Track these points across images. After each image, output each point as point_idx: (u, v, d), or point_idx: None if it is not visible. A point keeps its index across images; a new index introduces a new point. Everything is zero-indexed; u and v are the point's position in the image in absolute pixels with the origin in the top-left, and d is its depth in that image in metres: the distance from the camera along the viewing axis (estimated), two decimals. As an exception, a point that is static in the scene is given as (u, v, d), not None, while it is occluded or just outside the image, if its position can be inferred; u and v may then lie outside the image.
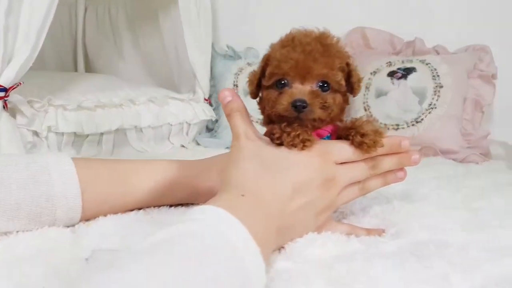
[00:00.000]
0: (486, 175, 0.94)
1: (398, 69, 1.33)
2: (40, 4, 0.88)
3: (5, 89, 0.83)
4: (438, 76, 1.28)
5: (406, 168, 0.55)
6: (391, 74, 1.33)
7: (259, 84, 0.54)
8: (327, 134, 0.53)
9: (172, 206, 0.62)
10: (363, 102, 1.36)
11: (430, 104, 1.25)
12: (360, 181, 0.53)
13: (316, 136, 0.52)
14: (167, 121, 1.28)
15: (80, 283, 0.29)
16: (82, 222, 0.54)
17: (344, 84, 0.51)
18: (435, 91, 1.26)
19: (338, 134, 0.53)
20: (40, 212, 0.50)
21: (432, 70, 1.29)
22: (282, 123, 0.49)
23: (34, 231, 0.50)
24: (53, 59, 1.68)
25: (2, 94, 0.83)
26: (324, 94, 0.49)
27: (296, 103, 0.47)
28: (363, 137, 0.49)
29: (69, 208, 0.52)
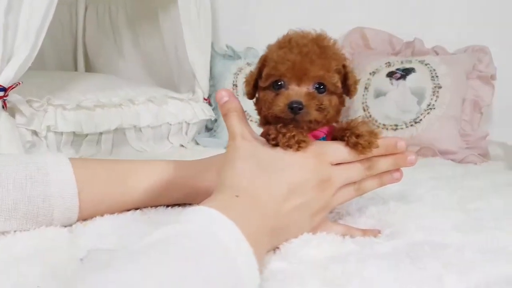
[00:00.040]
0: (484, 176, 0.94)
1: (397, 69, 1.33)
2: (40, 3, 0.88)
3: (4, 89, 0.84)
4: (437, 76, 1.28)
5: (404, 168, 0.55)
6: (390, 75, 1.33)
7: (255, 85, 0.54)
8: (322, 135, 0.53)
9: (169, 206, 0.62)
10: (362, 103, 1.36)
11: (429, 105, 1.25)
12: (356, 182, 0.53)
13: (312, 137, 0.52)
14: (166, 120, 1.28)
15: (76, 282, 0.30)
16: (79, 222, 0.54)
17: (340, 86, 0.51)
18: (433, 92, 1.26)
19: (333, 135, 0.53)
20: (37, 212, 0.50)
21: (431, 70, 1.29)
22: (278, 124, 0.50)
23: (32, 231, 0.51)
24: (53, 58, 1.68)
25: (1, 93, 0.83)
26: (320, 96, 0.50)
27: (292, 105, 0.47)
28: (358, 138, 0.49)
29: (66, 208, 0.52)
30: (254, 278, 0.35)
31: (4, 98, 0.85)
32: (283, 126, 0.49)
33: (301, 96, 0.48)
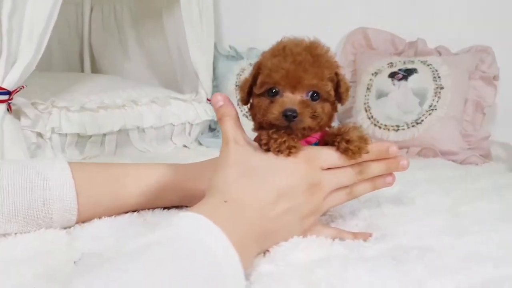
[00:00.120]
0: (482, 178, 0.94)
1: (399, 70, 1.33)
2: (43, 7, 0.89)
3: (8, 92, 0.86)
4: (439, 77, 1.28)
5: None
6: (392, 75, 1.33)
7: (250, 91, 0.55)
8: (315, 141, 0.54)
9: (166, 208, 0.64)
10: (364, 103, 1.37)
11: (431, 106, 1.25)
12: (348, 186, 0.54)
13: (305, 143, 0.53)
14: (169, 121, 1.29)
15: (75, 282, 0.31)
16: (78, 224, 0.56)
17: (333, 94, 0.52)
18: (435, 93, 1.26)
19: (325, 140, 0.54)
20: (37, 215, 0.52)
21: (433, 71, 1.29)
22: (274, 130, 0.51)
23: (32, 233, 0.52)
24: (60, 59, 1.70)
25: (6, 97, 0.85)
26: (313, 103, 0.51)
27: (286, 113, 0.48)
28: (348, 143, 0.50)
29: (65, 211, 0.54)
30: (238, 284, 0.37)
31: (9, 101, 0.87)
32: (275, 132, 0.50)
33: (295, 104, 0.49)
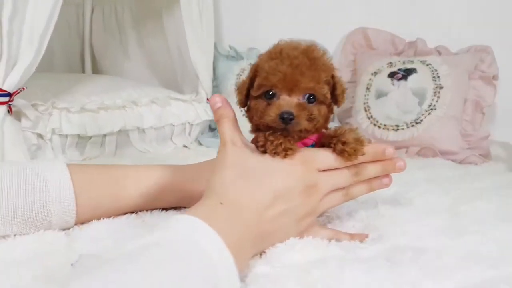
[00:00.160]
0: (481, 178, 0.94)
1: (399, 70, 1.34)
2: (43, 9, 0.90)
3: (9, 94, 0.86)
4: (439, 77, 1.28)
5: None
6: (392, 75, 1.33)
7: (247, 94, 0.56)
8: (311, 143, 0.55)
9: (164, 209, 0.64)
10: (364, 103, 1.37)
11: (430, 105, 1.25)
12: (344, 187, 0.55)
13: (302, 144, 0.54)
14: (169, 122, 1.30)
15: (73, 284, 0.31)
16: (76, 226, 0.57)
17: (329, 96, 0.53)
18: (435, 92, 1.26)
19: (321, 142, 0.54)
20: (36, 217, 0.53)
21: (432, 71, 1.29)
22: (270, 132, 0.51)
23: (31, 235, 0.53)
24: (61, 60, 1.71)
25: (6, 99, 0.86)
26: (310, 106, 0.51)
27: (283, 115, 0.49)
28: (344, 145, 0.51)
29: (64, 213, 0.54)
30: (233, 286, 0.37)
31: (10, 103, 0.87)
32: (271, 134, 0.51)
33: (292, 106, 0.49)
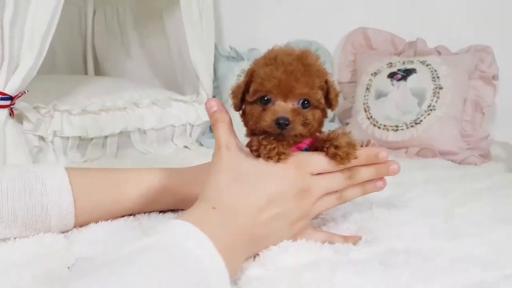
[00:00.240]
0: (480, 178, 0.93)
1: (398, 70, 1.34)
2: (45, 12, 0.91)
3: (11, 98, 0.87)
4: (438, 77, 1.28)
5: (400, 170, 0.56)
6: (391, 76, 1.34)
7: (243, 98, 0.56)
8: (305, 147, 0.55)
9: (161, 212, 0.65)
10: (364, 103, 1.37)
11: (429, 106, 1.25)
12: (338, 191, 0.55)
13: (296, 148, 0.54)
14: (170, 123, 1.30)
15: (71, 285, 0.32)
16: (75, 228, 0.58)
17: (323, 101, 0.53)
18: (434, 93, 1.27)
19: (315, 146, 0.55)
20: (36, 220, 0.54)
21: (432, 71, 1.30)
22: (263, 136, 0.52)
23: (31, 237, 0.54)
24: (64, 61, 1.72)
25: (8, 102, 0.87)
26: (304, 111, 0.52)
27: (279, 121, 0.50)
28: (337, 149, 0.51)
29: (63, 216, 0.55)
30: None
31: (11, 106, 0.89)
32: (265, 138, 0.51)
33: (287, 112, 0.50)
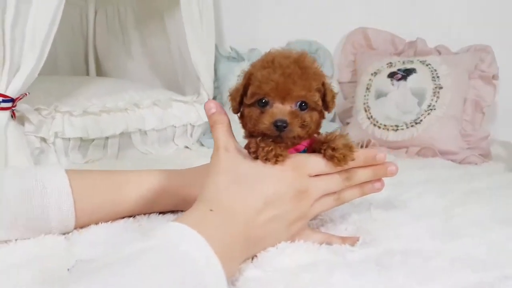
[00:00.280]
0: (480, 178, 0.94)
1: (398, 70, 1.34)
2: (45, 15, 0.91)
3: (12, 100, 0.88)
4: (438, 77, 1.28)
5: (399, 170, 0.56)
6: (391, 75, 1.34)
7: (241, 100, 0.57)
8: (303, 148, 0.56)
9: (161, 213, 0.66)
10: (364, 103, 1.38)
11: (429, 106, 1.26)
12: (336, 192, 0.56)
13: (294, 150, 0.55)
14: (170, 123, 1.31)
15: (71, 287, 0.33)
16: (76, 230, 0.58)
17: (320, 103, 0.54)
18: (434, 92, 1.27)
19: (312, 147, 0.55)
20: (37, 222, 0.54)
21: (432, 71, 1.30)
22: (263, 138, 0.52)
23: (32, 239, 0.55)
24: (66, 62, 1.72)
25: (9, 104, 0.88)
26: (302, 113, 0.52)
27: (277, 123, 0.50)
28: (334, 151, 0.52)
29: (63, 218, 0.56)
30: None
31: (13, 108, 0.89)
32: (262, 140, 0.52)
33: (285, 114, 0.51)
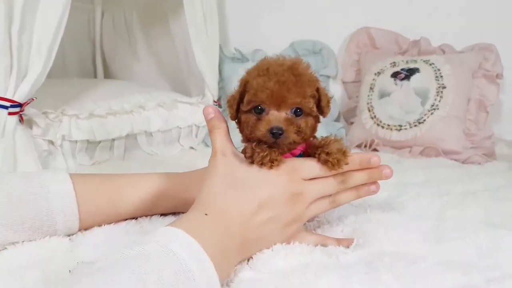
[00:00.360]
0: (480, 178, 0.94)
1: (402, 69, 1.34)
2: (51, 22, 0.94)
3: (20, 105, 0.91)
4: (441, 77, 1.28)
5: (399, 170, 0.57)
6: (395, 75, 1.34)
7: (238, 107, 0.58)
8: (299, 152, 0.57)
9: (162, 215, 0.67)
10: (367, 103, 1.38)
11: (433, 105, 1.26)
12: (331, 195, 0.57)
13: (290, 154, 0.56)
14: (176, 124, 1.33)
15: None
16: (80, 232, 0.61)
17: (315, 109, 0.55)
18: (437, 92, 1.27)
19: (308, 152, 0.57)
20: (42, 224, 0.57)
21: (435, 70, 1.30)
22: (259, 144, 0.54)
23: (37, 241, 0.57)
24: (74, 64, 1.75)
25: (17, 109, 0.91)
26: (297, 119, 0.54)
27: (273, 130, 0.51)
28: (328, 155, 0.53)
29: (67, 221, 0.58)
30: None
31: (21, 112, 0.92)
32: (258, 145, 0.53)
33: (281, 121, 0.52)
